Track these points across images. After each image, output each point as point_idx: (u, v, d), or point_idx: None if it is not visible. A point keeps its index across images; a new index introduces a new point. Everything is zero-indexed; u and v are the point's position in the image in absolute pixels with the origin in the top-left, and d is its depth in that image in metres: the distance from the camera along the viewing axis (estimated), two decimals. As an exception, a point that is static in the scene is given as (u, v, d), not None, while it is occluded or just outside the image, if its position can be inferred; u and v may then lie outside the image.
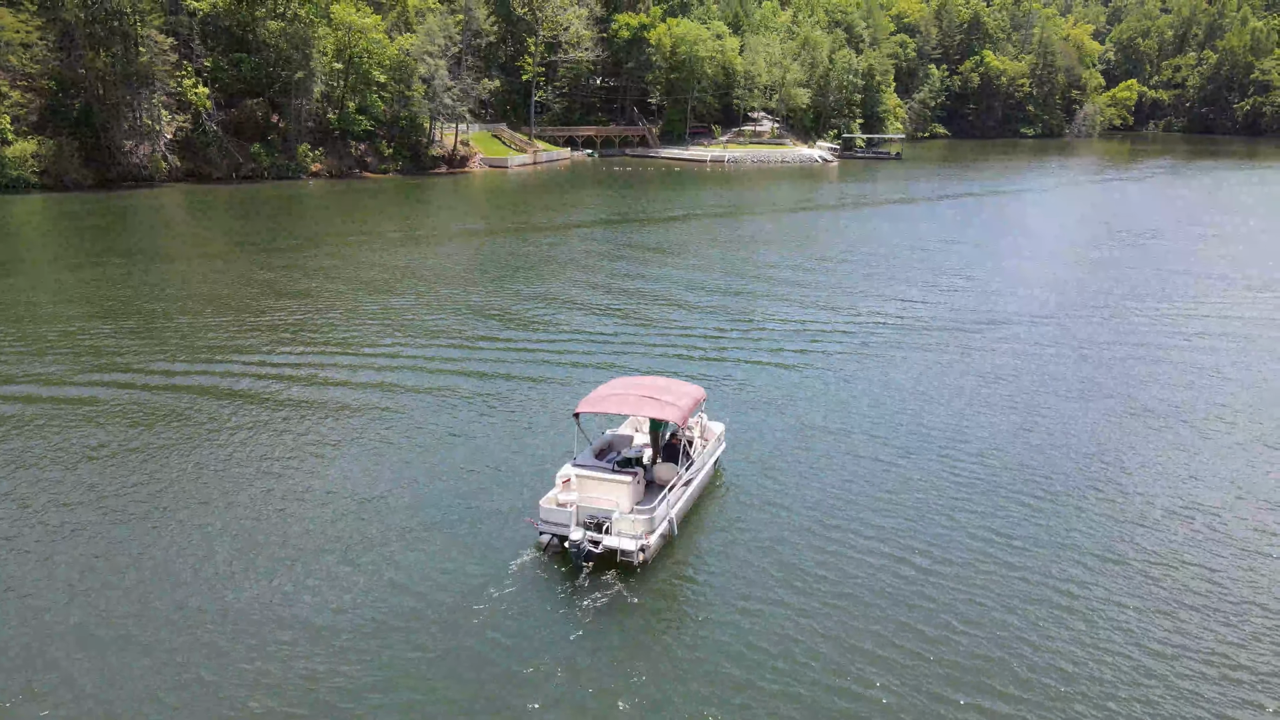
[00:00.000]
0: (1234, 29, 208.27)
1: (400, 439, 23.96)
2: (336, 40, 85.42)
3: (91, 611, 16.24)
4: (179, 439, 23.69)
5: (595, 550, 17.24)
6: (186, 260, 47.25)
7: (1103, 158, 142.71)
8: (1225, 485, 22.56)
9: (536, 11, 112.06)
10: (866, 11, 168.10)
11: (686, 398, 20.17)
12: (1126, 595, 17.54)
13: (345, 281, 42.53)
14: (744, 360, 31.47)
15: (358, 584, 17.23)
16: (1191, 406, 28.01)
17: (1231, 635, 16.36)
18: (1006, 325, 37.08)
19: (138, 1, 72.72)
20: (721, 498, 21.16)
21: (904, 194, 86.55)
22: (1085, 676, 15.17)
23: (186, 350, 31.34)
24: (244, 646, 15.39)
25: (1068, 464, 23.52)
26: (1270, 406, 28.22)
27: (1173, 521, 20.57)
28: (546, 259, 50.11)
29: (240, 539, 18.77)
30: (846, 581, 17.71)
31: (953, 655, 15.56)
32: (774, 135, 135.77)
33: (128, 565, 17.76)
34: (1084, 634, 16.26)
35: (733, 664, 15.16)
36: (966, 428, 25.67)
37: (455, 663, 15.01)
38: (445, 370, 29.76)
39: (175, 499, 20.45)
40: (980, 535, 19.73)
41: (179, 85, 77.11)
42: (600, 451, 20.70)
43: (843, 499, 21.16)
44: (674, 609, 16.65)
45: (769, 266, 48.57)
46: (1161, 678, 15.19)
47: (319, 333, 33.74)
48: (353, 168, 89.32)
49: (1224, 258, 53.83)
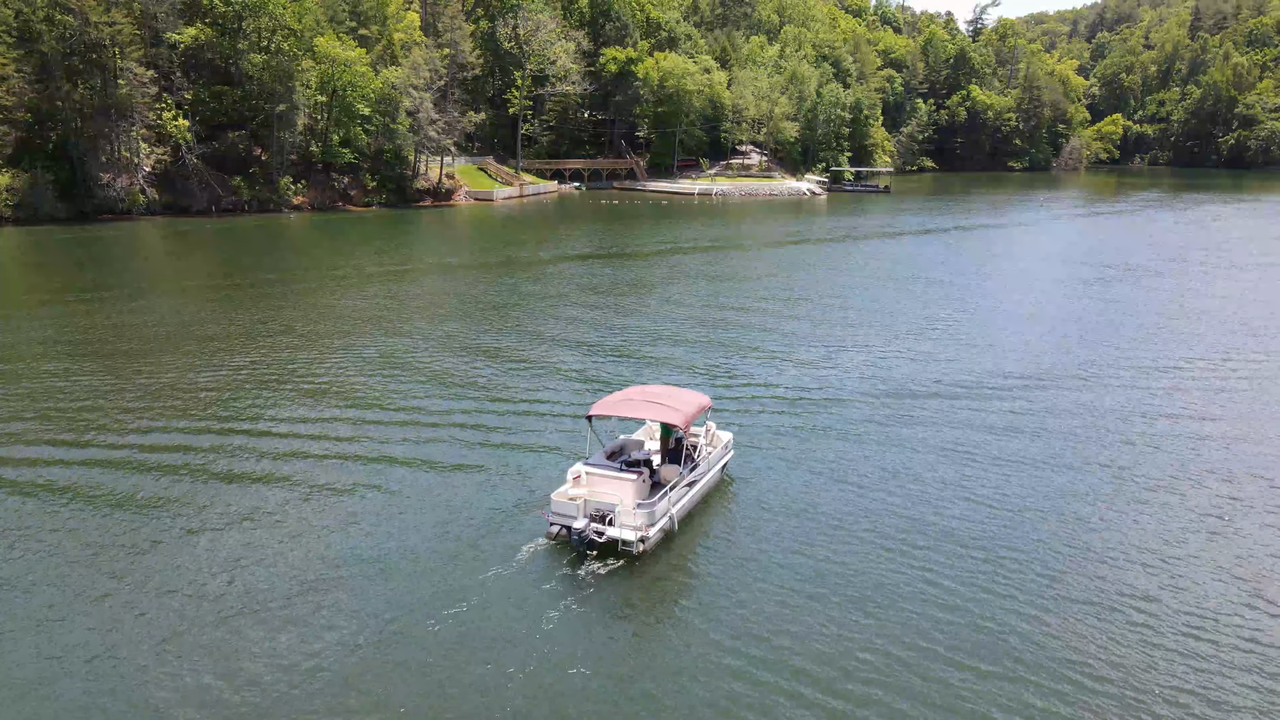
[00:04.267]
0: (1216, 64, 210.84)
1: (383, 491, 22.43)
2: (320, 73, 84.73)
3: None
4: (167, 497, 22.03)
5: (599, 540, 18.81)
6: (157, 296, 45.61)
7: (1090, 191, 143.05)
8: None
9: (524, 45, 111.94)
10: (853, 46, 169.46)
11: (691, 404, 21.54)
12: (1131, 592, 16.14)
13: (325, 317, 41.03)
14: (735, 405, 30.05)
15: (382, 569, 18.45)
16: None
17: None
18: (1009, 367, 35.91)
19: (118, 34, 71.86)
20: (727, 501, 22.12)
21: (893, 228, 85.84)
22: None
23: (150, 398, 29.66)
24: (251, 620, 16.31)
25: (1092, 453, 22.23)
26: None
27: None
28: (529, 294, 48.79)
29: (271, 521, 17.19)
30: (840, 577, 18.38)
31: (936, 644, 16.10)
32: (762, 168, 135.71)
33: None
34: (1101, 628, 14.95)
35: (715, 645, 16.06)
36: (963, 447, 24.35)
37: (463, 631, 16.21)
38: (432, 410, 28.24)
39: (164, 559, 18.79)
40: (971, 532, 20.16)
41: (158, 118, 76.03)
42: (612, 453, 22.08)
43: (843, 505, 21.85)
44: (666, 594, 17.94)
45: (758, 301, 47.32)
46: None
47: (298, 373, 32.18)
48: (336, 200, 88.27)
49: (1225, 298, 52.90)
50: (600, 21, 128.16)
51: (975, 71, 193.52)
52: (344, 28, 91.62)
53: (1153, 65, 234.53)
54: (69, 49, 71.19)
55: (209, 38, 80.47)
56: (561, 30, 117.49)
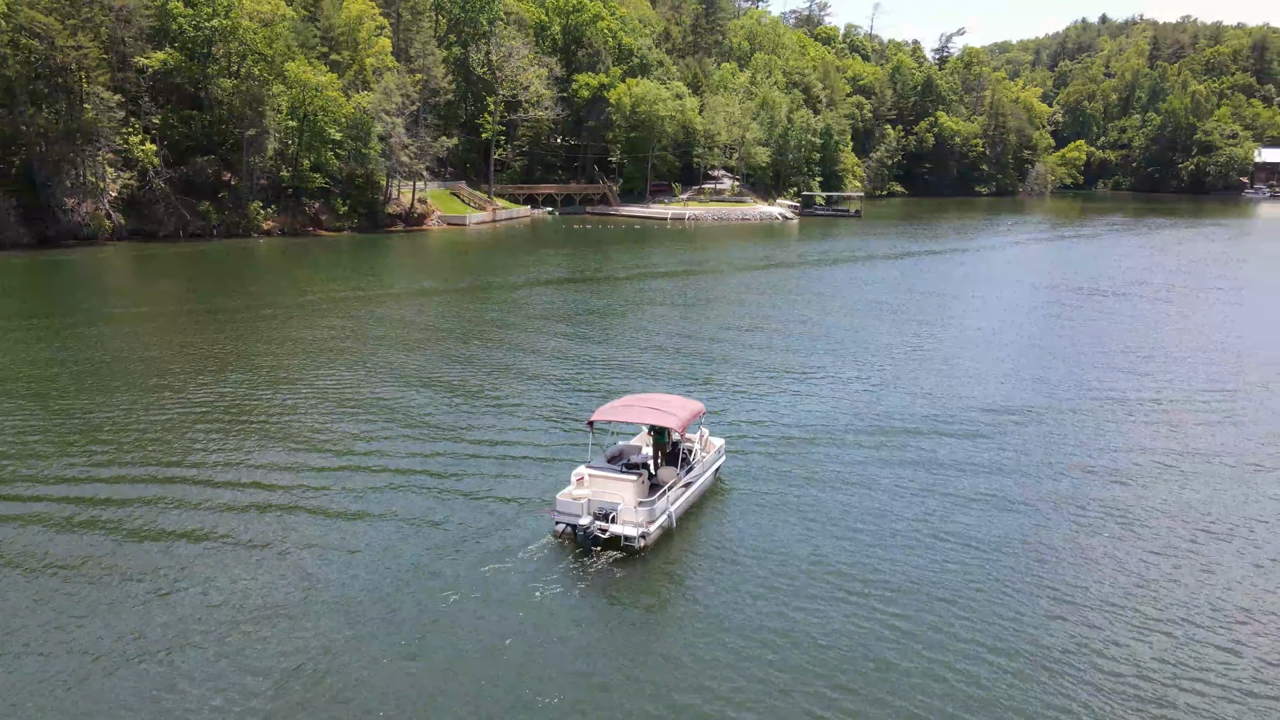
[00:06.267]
0: (1175, 92, 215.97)
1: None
2: (291, 98, 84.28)
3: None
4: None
5: (603, 536, 19.95)
6: (109, 324, 44.51)
7: (1056, 216, 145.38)
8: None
9: (496, 71, 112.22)
10: (823, 73, 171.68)
11: (686, 410, 22.99)
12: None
13: (292, 343, 40.47)
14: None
15: (392, 565, 19.37)
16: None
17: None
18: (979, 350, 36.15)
19: (84, 58, 71.11)
20: (719, 502, 23.46)
21: (864, 251, 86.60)
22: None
23: (84, 437, 28.71)
24: (249, 615, 16.92)
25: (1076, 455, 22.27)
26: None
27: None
28: (501, 321, 48.52)
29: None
30: (834, 571, 19.37)
31: (931, 629, 16.89)
32: (734, 193, 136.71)
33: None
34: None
35: (712, 638, 16.75)
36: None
37: (473, 623, 16.93)
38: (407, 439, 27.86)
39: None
40: (959, 532, 21.23)
41: (125, 142, 75.12)
42: (612, 458, 23.31)
43: (833, 506, 23.12)
44: (667, 587, 18.88)
45: (728, 328, 47.39)
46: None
47: (264, 401, 31.62)
48: (307, 226, 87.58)
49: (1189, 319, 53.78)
50: (573, 48, 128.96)
51: (942, 98, 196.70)
52: (315, 53, 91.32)
53: (1114, 93, 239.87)
54: (34, 73, 70.31)
55: (178, 62, 79.80)
56: (534, 57, 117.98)
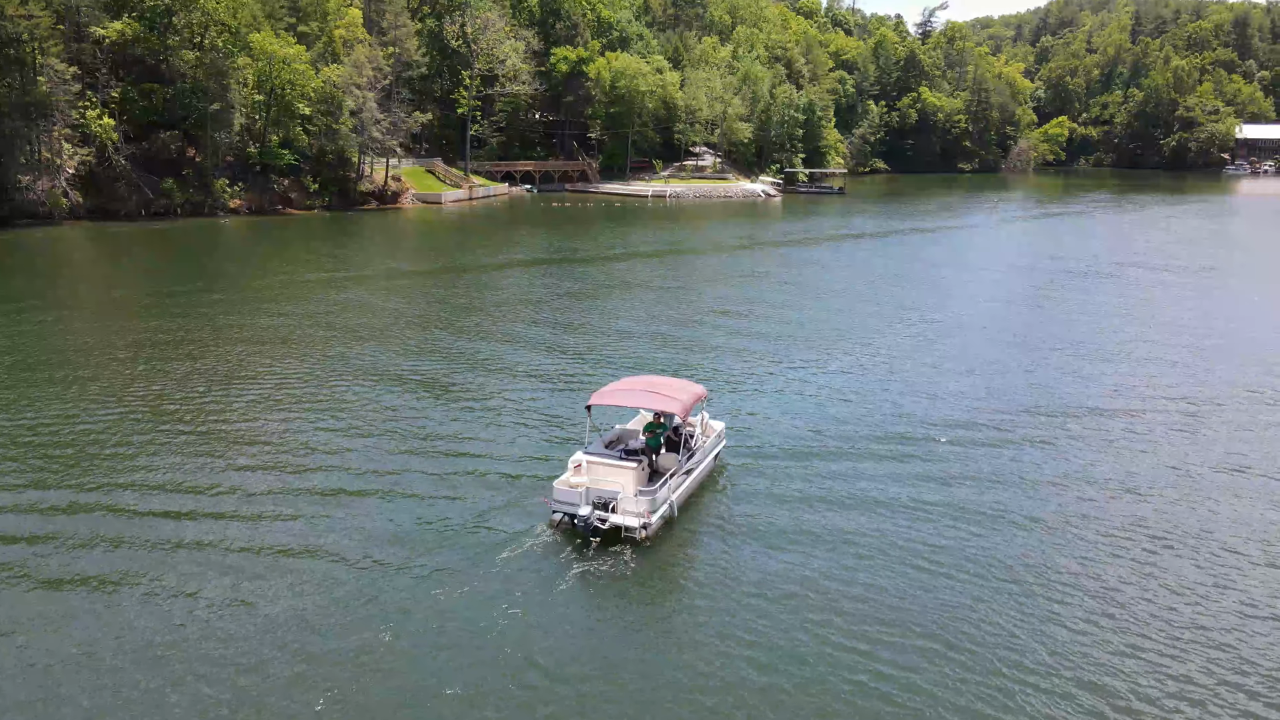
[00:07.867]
0: (1157, 67, 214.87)
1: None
2: (257, 70, 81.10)
3: None
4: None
5: (602, 526, 19.25)
6: (70, 308, 42.29)
7: (1040, 192, 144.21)
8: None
9: (471, 44, 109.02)
10: (806, 48, 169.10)
11: (687, 394, 22.06)
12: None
13: (259, 328, 38.25)
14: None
15: (378, 561, 18.67)
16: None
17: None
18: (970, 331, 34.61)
19: (35, 28, 67.76)
20: (721, 488, 22.85)
21: (848, 229, 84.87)
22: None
23: (9, 441, 26.79)
24: (245, 613, 16.50)
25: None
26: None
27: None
28: (476, 304, 46.42)
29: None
30: (831, 562, 18.96)
31: (923, 627, 16.52)
32: (716, 170, 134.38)
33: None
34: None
35: (717, 630, 16.47)
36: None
37: (470, 615, 16.56)
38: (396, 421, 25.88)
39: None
40: (953, 514, 21.17)
41: (82, 116, 71.90)
42: (610, 443, 22.58)
43: (833, 491, 22.64)
44: (672, 579, 18.47)
45: (706, 315, 45.57)
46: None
47: (242, 385, 29.50)
48: (275, 204, 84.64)
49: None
50: (550, 21, 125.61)
51: (925, 74, 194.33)
52: (282, 24, 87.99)
53: (1095, 69, 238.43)
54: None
55: (136, 32, 76.16)
56: (510, 29, 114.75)
